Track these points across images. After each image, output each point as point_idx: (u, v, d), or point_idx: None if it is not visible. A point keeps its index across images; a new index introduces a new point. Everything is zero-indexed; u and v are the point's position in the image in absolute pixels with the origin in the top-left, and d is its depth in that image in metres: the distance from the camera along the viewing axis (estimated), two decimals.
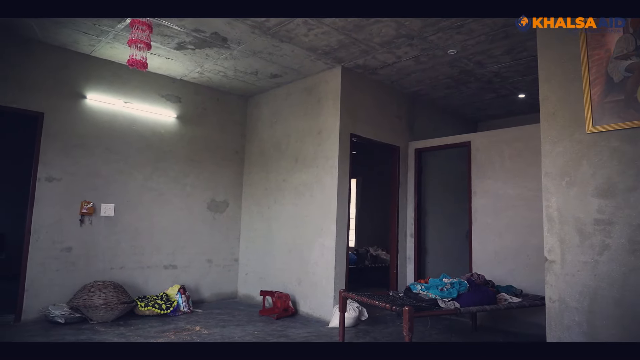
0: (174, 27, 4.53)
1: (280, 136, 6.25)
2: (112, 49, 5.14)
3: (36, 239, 4.86)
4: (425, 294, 3.73)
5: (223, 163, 6.60)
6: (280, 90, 6.35)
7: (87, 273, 5.17)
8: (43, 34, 4.80)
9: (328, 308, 5.15)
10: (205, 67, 5.66)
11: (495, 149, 5.42)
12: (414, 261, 6.17)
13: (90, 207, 5.22)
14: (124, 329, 4.55)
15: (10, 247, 7.64)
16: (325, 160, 5.49)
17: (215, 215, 6.46)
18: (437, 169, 6.45)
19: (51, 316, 4.65)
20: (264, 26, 4.47)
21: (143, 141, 5.77)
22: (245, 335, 4.46)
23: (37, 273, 4.84)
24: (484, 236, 5.38)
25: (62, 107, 5.13)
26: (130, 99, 5.65)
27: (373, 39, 4.73)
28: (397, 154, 6.28)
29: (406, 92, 6.47)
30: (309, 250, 5.54)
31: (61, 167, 5.07)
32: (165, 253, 5.89)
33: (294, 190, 5.90)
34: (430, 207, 6.37)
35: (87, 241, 5.21)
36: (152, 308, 5.14)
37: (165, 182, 5.95)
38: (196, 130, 6.31)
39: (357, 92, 5.71)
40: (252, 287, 6.31)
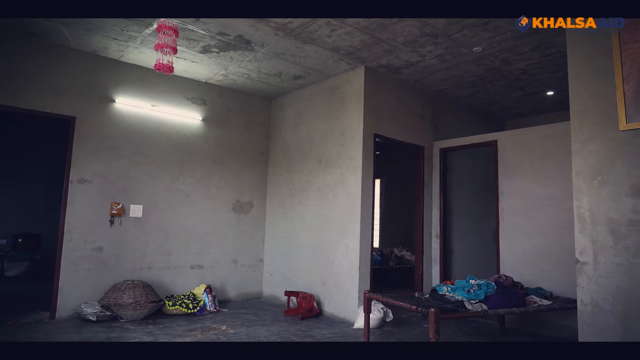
0: (199, 31, 4.61)
1: (303, 137, 6.27)
2: (140, 53, 5.26)
3: (69, 239, 5.02)
4: (451, 296, 3.68)
5: (247, 164, 6.67)
6: (304, 92, 6.38)
7: (117, 272, 5.31)
8: (75, 40, 4.95)
9: (352, 309, 5.14)
10: (229, 69, 5.74)
11: (523, 148, 5.30)
12: (440, 262, 6.09)
13: (120, 208, 5.35)
14: (152, 328, 4.65)
15: (45, 248, 7.91)
16: (349, 161, 5.48)
17: (240, 216, 6.54)
18: (462, 169, 6.35)
19: (83, 314, 4.80)
20: (287, 28, 4.50)
21: (170, 143, 5.88)
22: (271, 335, 4.50)
23: (70, 272, 5.00)
24: (511, 237, 5.27)
25: (93, 111, 5.29)
26: (157, 102, 5.78)
27: (396, 38, 4.70)
28: (422, 153, 6.22)
29: (430, 91, 6.40)
30: (333, 251, 5.54)
31: (92, 170, 5.23)
32: (192, 253, 5.99)
33: (317, 191, 5.91)
34: (456, 207, 6.28)
35: (117, 241, 5.35)
36: (180, 307, 5.24)
37: (191, 184, 6.05)
38: (221, 132, 6.40)
39: (381, 92, 5.68)
40: (277, 288, 6.35)
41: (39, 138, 8.12)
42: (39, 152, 8.29)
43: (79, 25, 4.55)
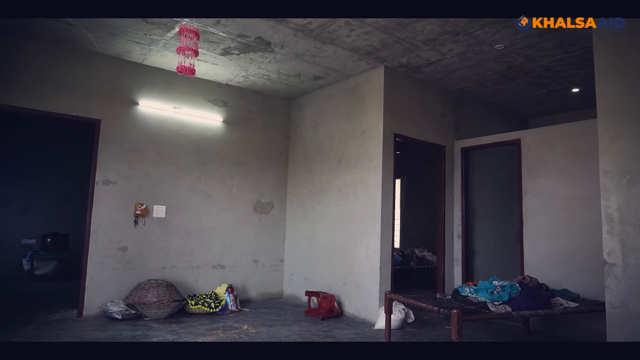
0: (220, 33, 4.66)
1: (323, 137, 6.28)
2: (162, 57, 5.36)
3: (95, 239, 5.14)
4: (474, 297, 3.63)
5: (268, 165, 6.72)
6: (323, 92, 6.38)
7: (141, 272, 5.41)
8: (100, 45, 5.08)
9: (374, 309, 5.12)
10: (249, 71, 5.79)
11: (548, 147, 5.19)
12: (462, 263, 6.01)
13: (144, 208, 5.46)
14: (175, 326, 4.73)
15: (73, 247, 8.14)
16: (369, 161, 5.46)
17: (260, 216, 6.59)
18: (484, 168, 6.25)
19: (109, 312, 4.91)
20: (306, 29, 4.51)
21: (191, 145, 5.97)
22: (292, 335, 4.51)
23: (96, 271, 5.12)
24: (536, 237, 5.16)
25: (117, 114, 5.40)
26: (179, 105, 5.87)
27: (416, 37, 4.66)
28: (443, 153, 6.15)
29: (451, 90, 6.32)
30: (354, 251, 5.53)
31: (117, 171, 5.34)
32: (214, 253, 6.07)
33: (337, 191, 5.91)
34: (478, 207, 6.19)
35: (140, 241, 5.45)
36: (202, 306, 5.31)
37: (212, 184, 6.13)
38: (241, 133, 6.46)
39: (401, 91, 5.64)
40: (297, 288, 6.38)
41: (67, 140, 8.35)
42: (67, 154, 8.53)
43: (104, 29, 4.67)
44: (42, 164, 8.54)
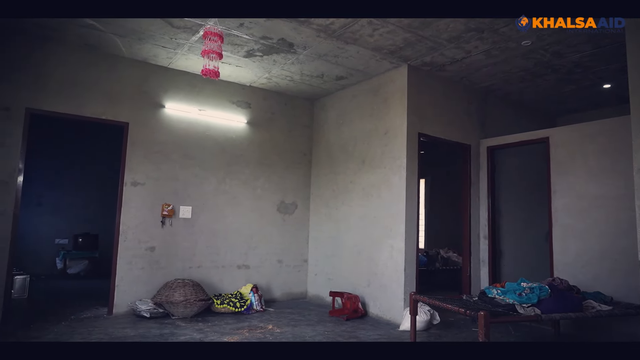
0: (243, 35, 4.72)
1: (347, 138, 6.27)
2: (187, 60, 5.45)
3: (124, 239, 5.28)
4: (501, 299, 3.56)
5: (291, 166, 6.75)
6: (346, 92, 6.38)
7: (169, 271, 5.52)
8: (127, 50, 5.21)
9: (398, 310, 5.08)
10: (272, 72, 5.83)
11: (577, 145, 5.05)
12: (488, 264, 5.90)
13: (170, 209, 5.57)
14: (202, 325, 4.80)
15: (103, 247, 8.37)
16: (393, 161, 5.43)
17: (284, 216, 6.63)
18: (511, 168, 6.12)
19: (138, 310, 5.03)
20: (329, 29, 4.51)
21: (216, 146, 6.06)
22: (316, 335, 4.52)
23: (126, 271, 5.25)
24: (565, 238, 5.03)
25: (144, 117, 5.53)
26: (204, 107, 5.97)
27: (440, 35, 4.61)
28: (468, 152, 6.06)
29: (476, 88, 6.22)
30: (378, 252, 5.50)
31: (144, 173, 5.47)
32: (239, 253, 6.14)
33: (361, 191, 5.89)
34: (505, 207, 6.06)
35: (168, 241, 5.57)
36: (227, 306, 5.37)
37: (237, 185, 6.20)
38: (265, 135, 6.52)
39: (425, 90, 5.58)
40: (321, 288, 6.38)
41: (97, 143, 8.60)
42: (97, 157, 8.78)
43: (131, 34, 4.79)
44: (74, 166, 8.82)
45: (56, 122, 7.18)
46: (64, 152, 8.69)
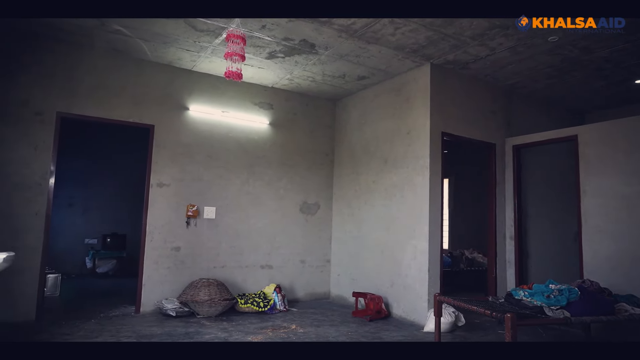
0: (265, 37, 4.75)
1: (369, 138, 6.24)
2: (211, 63, 5.53)
3: (150, 239, 5.39)
4: (529, 301, 3.48)
5: (314, 166, 6.77)
6: (368, 92, 6.35)
7: (194, 271, 5.61)
8: (152, 53, 5.32)
9: (422, 312, 5.03)
10: (294, 73, 5.86)
11: (608, 143, 4.90)
12: (515, 265, 5.78)
13: (195, 210, 5.65)
14: (226, 324, 4.86)
15: (130, 247, 8.57)
16: (416, 161, 5.38)
17: (307, 217, 6.64)
18: (538, 167, 5.98)
19: (164, 309, 5.12)
20: (350, 29, 4.51)
21: (239, 148, 6.12)
22: (340, 336, 4.52)
23: (152, 270, 5.36)
24: (595, 239, 4.88)
25: (169, 119, 5.64)
26: (227, 108, 6.04)
27: (464, 33, 4.54)
28: (493, 151, 5.95)
29: (501, 86, 6.10)
30: (401, 252, 5.45)
31: (169, 174, 5.57)
32: (262, 253, 6.19)
33: (384, 191, 5.86)
34: (532, 207, 5.92)
35: (192, 241, 5.65)
36: (251, 305, 5.42)
37: (260, 186, 6.25)
38: (287, 135, 6.55)
39: (448, 89, 5.51)
40: (344, 288, 6.37)
41: (125, 145, 8.80)
42: (125, 158, 8.99)
43: (156, 39, 4.89)
44: (103, 168, 9.05)
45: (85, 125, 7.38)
46: (93, 155, 8.93)
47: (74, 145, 8.32)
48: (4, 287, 4.41)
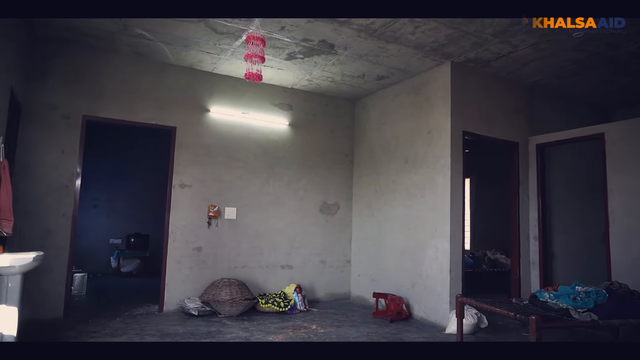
0: (285, 39, 4.78)
1: (389, 137, 6.21)
2: (231, 65, 5.59)
3: (173, 240, 5.48)
4: (554, 303, 3.40)
5: (333, 166, 6.77)
6: (388, 92, 6.32)
7: (215, 271, 5.68)
8: (174, 57, 5.40)
9: (444, 313, 4.98)
10: (313, 74, 5.87)
11: (637, 140, 4.75)
12: (539, 266, 5.66)
13: (216, 210, 5.72)
14: (247, 324, 4.90)
15: (153, 246, 8.73)
16: (436, 160, 5.32)
17: (327, 217, 6.65)
18: (563, 165, 5.84)
19: (187, 308, 5.20)
20: (369, 29, 4.49)
21: (259, 148, 6.17)
22: (360, 336, 4.51)
23: (175, 270, 5.45)
24: (624, 240, 4.74)
25: (191, 121, 5.72)
26: (247, 110, 6.10)
27: (485, 30, 4.47)
28: (516, 150, 5.84)
29: (524, 83, 5.98)
30: (422, 253, 5.40)
31: (191, 175, 5.65)
32: (282, 253, 6.22)
33: (404, 191, 5.81)
34: (557, 207, 5.79)
35: (214, 242, 5.72)
36: (272, 305, 5.46)
37: (280, 187, 6.29)
38: (307, 136, 6.57)
39: (469, 87, 5.44)
40: (365, 289, 6.35)
41: (148, 147, 8.97)
42: (148, 160, 9.16)
43: (178, 42, 4.97)
44: (126, 170, 9.24)
45: (109, 128, 7.56)
46: (116, 157, 9.12)
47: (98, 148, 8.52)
48: (34, 286, 4.55)
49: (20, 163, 4.69)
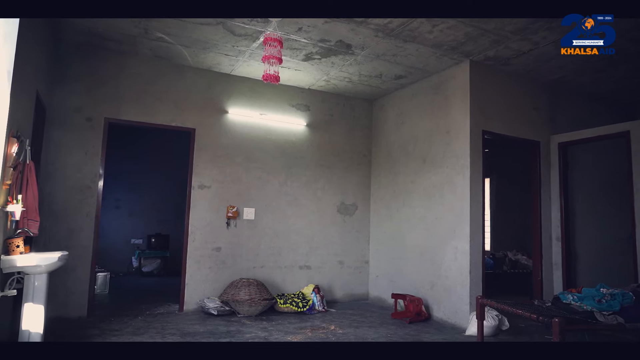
0: (302, 39, 4.79)
1: (407, 137, 6.17)
2: (249, 66, 5.63)
3: (192, 240, 5.54)
4: (578, 305, 3.33)
5: (351, 167, 6.76)
6: (405, 91, 6.28)
7: (234, 271, 5.73)
8: (193, 59, 5.47)
9: (464, 315, 4.92)
10: (331, 74, 5.87)
11: None
12: (562, 268, 5.55)
13: (235, 211, 5.77)
14: (266, 324, 4.93)
15: (173, 247, 8.84)
16: (456, 160, 5.26)
17: (345, 218, 6.64)
18: (586, 165, 5.71)
19: (206, 308, 5.26)
20: (387, 28, 4.47)
21: (277, 149, 6.20)
22: (379, 337, 4.49)
23: (194, 270, 5.52)
24: None
25: (209, 123, 5.78)
26: (265, 111, 6.13)
27: (505, 28, 4.41)
28: (537, 149, 5.74)
29: (545, 81, 5.87)
30: (442, 254, 5.35)
31: (210, 176, 5.72)
32: (300, 254, 6.24)
33: (423, 191, 5.77)
34: (580, 207, 5.66)
35: (232, 242, 5.77)
36: (290, 305, 5.48)
37: (298, 187, 6.31)
38: (325, 136, 6.57)
39: (488, 86, 5.37)
40: (383, 290, 6.32)
41: (167, 148, 9.11)
42: (167, 161, 9.29)
43: (197, 45, 5.03)
44: (147, 171, 9.39)
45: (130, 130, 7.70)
46: (137, 158, 9.28)
47: (120, 149, 8.69)
48: (59, 284, 4.66)
49: (46, 165, 4.82)
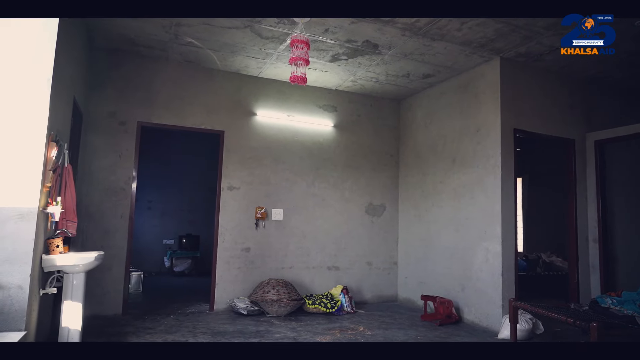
0: (328, 40, 4.80)
1: (435, 137, 6.09)
2: (276, 68, 5.69)
3: (222, 241, 5.64)
4: (617, 309, 3.21)
5: (379, 167, 6.72)
6: (434, 90, 6.20)
7: (263, 271, 5.79)
8: (222, 63, 5.57)
9: (496, 318, 4.81)
10: (357, 75, 5.86)
11: None
12: (600, 270, 5.35)
13: (263, 212, 5.83)
14: (295, 324, 4.96)
15: (204, 247, 9.02)
16: (486, 159, 5.16)
17: (373, 218, 6.61)
18: (624, 163, 5.49)
19: (236, 308, 5.33)
20: (414, 27, 4.43)
21: (305, 150, 6.23)
22: (409, 339, 4.44)
23: (224, 270, 5.61)
24: None
25: (238, 125, 5.87)
26: (292, 112, 6.18)
27: (536, 23, 4.29)
28: (572, 147, 5.55)
29: (580, 77, 5.68)
30: (472, 255, 5.25)
31: (239, 177, 5.80)
32: (328, 255, 6.24)
33: (452, 192, 5.68)
34: (618, 207, 5.45)
35: (261, 243, 5.84)
36: (319, 306, 5.49)
37: (325, 188, 6.32)
38: (352, 137, 6.56)
39: (519, 83, 5.24)
40: (412, 291, 6.25)
41: (198, 150, 9.29)
42: (198, 163, 9.49)
43: (225, 48, 5.12)
44: (178, 172, 9.61)
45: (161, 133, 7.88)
46: (169, 160, 9.51)
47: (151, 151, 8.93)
48: (95, 283, 4.82)
49: (82, 168, 5.00)
